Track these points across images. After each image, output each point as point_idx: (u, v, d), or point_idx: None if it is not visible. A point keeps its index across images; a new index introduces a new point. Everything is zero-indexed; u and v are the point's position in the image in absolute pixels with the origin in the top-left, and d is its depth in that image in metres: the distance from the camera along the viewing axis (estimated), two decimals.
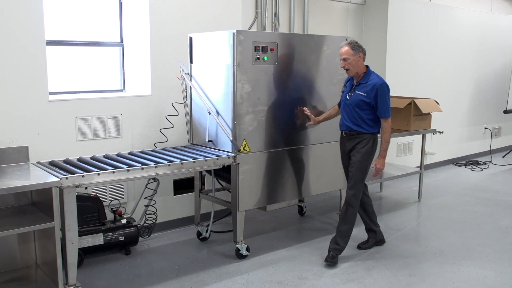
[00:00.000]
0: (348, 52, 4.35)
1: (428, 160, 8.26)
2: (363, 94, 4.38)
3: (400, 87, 7.37)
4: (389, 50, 7.25)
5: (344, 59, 4.37)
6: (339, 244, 4.48)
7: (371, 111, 4.42)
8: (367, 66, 4.49)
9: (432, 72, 8.10)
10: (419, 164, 6.64)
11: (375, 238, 4.88)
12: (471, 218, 5.85)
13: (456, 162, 8.97)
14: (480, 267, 4.46)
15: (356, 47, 4.36)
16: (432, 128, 6.44)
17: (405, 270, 4.37)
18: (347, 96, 4.50)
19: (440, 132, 6.58)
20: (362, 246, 4.82)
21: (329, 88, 5.00)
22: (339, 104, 4.74)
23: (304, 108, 4.76)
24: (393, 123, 6.21)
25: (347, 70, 4.41)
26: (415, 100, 6.09)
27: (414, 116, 6.12)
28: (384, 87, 4.38)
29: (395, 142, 7.60)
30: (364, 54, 4.42)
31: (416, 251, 4.80)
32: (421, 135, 6.46)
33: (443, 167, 8.67)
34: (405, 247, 4.89)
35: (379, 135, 4.56)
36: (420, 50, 7.83)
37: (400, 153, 7.79)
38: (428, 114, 6.33)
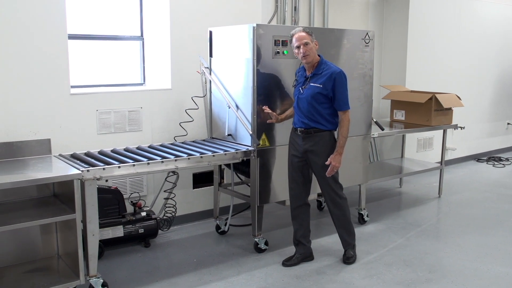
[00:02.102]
0: (307, 37, 3.99)
1: (449, 156, 8.17)
2: (319, 85, 4.01)
3: (421, 81, 7.31)
4: (410, 44, 7.17)
5: (305, 44, 3.97)
6: (348, 240, 4.41)
7: (330, 104, 4.07)
8: (319, 56, 4.13)
9: (454, 66, 8.00)
10: (439, 160, 6.57)
11: (302, 254, 4.37)
12: (492, 215, 5.78)
13: (477, 158, 8.85)
14: (501, 265, 4.40)
15: (311, 33, 4.04)
16: (453, 123, 6.37)
17: (424, 266, 4.34)
18: (301, 90, 4.12)
19: (461, 128, 6.50)
20: (286, 263, 4.31)
21: (350, 82, 4.93)
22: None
23: (264, 106, 4.33)
24: (414, 118, 6.26)
25: (306, 56, 4.00)
26: (436, 95, 6.02)
27: (435, 111, 6.05)
28: (342, 76, 4.04)
29: (416, 137, 7.54)
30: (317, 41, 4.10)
31: (436, 248, 4.76)
32: (442, 130, 6.38)
33: (464, 163, 8.56)
34: (425, 243, 4.85)
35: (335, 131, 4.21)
36: (442, 44, 7.73)
37: (420, 148, 7.72)
38: (450, 109, 6.25)
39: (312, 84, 4.07)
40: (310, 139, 4.14)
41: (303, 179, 4.31)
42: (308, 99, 4.07)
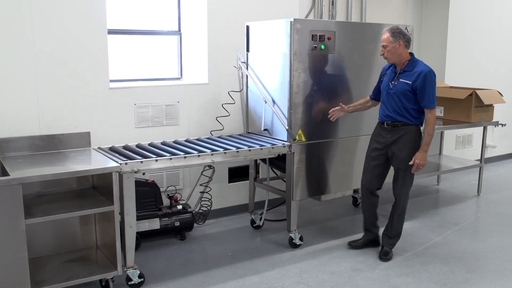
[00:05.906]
0: (387, 39, 4.11)
1: (488, 154, 7.97)
2: (408, 82, 4.11)
3: (461, 77, 7.15)
4: (450, 39, 7.02)
5: (383, 46, 4.14)
6: (392, 239, 4.42)
7: (416, 100, 4.15)
8: (411, 54, 4.24)
9: (496, 62, 7.78)
10: (479, 157, 6.42)
11: (369, 238, 4.57)
12: None
13: None
14: None
15: (396, 34, 4.10)
16: (494, 120, 6.21)
17: (462, 266, 4.26)
18: (390, 85, 4.22)
19: (502, 125, 6.33)
20: (353, 243, 4.58)
21: None
22: (371, 96, 4.52)
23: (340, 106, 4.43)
24: (453, 114, 6.13)
25: (385, 57, 4.19)
26: (477, 91, 5.88)
27: (475, 108, 5.92)
28: (432, 75, 4.10)
29: (454, 134, 7.39)
30: (406, 41, 4.13)
31: (474, 247, 4.66)
32: (482, 128, 6.23)
33: (504, 161, 8.34)
34: (462, 243, 4.76)
35: (421, 127, 4.27)
36: (483, 38, 7.54)
37: (459, 145, 7.55)
38: (491, 105, 6.10)
39: (401, 80, 4.17)
40: (396, 132, 4.22)
41: (381, 171, 4.40)
42: (397, 94, 4.17)
